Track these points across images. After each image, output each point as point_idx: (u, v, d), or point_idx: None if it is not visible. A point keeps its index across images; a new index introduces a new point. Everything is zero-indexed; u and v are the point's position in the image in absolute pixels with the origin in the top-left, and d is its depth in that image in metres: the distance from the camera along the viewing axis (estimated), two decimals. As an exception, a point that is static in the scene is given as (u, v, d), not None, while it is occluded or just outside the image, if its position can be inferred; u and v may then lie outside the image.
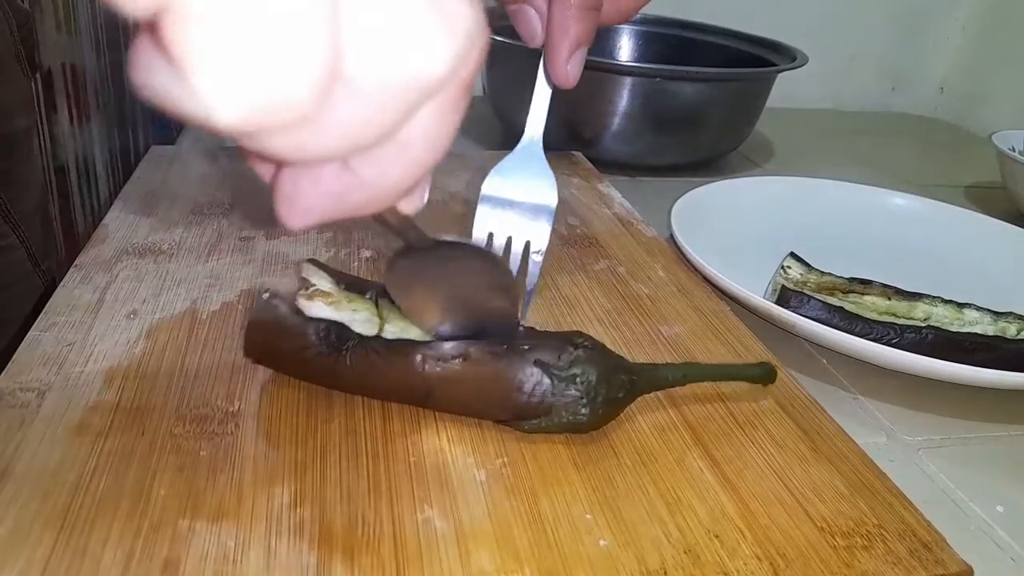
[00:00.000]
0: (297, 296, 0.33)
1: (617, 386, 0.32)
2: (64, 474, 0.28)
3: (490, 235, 0.32)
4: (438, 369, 0.31)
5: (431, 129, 0.19)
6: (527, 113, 0.36)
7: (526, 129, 0.34)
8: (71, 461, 0.28)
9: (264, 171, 0.21)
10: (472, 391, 0.31)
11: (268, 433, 0.31)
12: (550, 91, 0.34)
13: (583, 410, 0.31)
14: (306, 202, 0.20)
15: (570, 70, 0.33)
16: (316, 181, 0.19)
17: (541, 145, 0.34)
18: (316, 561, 0.25)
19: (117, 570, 0.24)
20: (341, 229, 0.48)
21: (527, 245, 0.35)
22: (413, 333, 0.32)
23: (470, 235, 0.33)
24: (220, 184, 0.53)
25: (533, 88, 0.34)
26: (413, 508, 0.28)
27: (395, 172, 0.19)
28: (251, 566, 0.25)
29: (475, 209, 0.33)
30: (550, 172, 0.33)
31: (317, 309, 0.33)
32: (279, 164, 0.20)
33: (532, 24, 0.33)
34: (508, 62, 0.65)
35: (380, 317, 0.33)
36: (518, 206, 0.33)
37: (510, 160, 0.33)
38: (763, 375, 0.36)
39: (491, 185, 0.33)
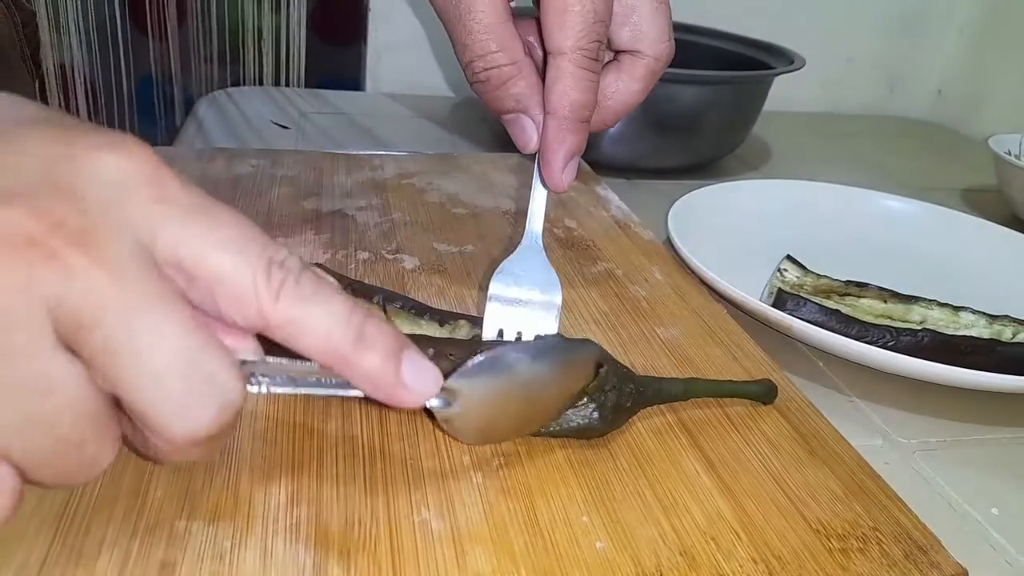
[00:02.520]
0: None
1: (627, 395, 0.32)
2: (60, 475, 0.28)
3: (500, 331, 0.35)
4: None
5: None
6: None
7: (527, 228, 0.36)
8: (67, 462, 0.28)
9: None
10: None
11: (265, 433, 0.31)
12: (546, 192, 0.36)
13: (594, 414, 0.31)
14: None
15: (565, 177, 0.35)
16: None
17: (541, 243, 0.36)
18: (312, 562, 0.25)
19: (114, 571, 0.24)
20: (339, 230, 0.48)
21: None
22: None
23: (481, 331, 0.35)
24: (217, 185, 0.53)
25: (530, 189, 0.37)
26: (409, 509, 0.28)
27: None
28: (247, 567, 0.25)
29: (483, 307, 0.35)
30: (552, 270, 0.36)
31: None
32: None
33: (528, 133, 0.35)
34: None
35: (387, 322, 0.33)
36: (526, 304, 0.35)
37: (515, 259, 0.36)
38: (764, 394, 0.36)
39: (498, 285, 0.35)
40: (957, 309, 0.47)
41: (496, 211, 0.55)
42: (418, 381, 0.25)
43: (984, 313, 0.47)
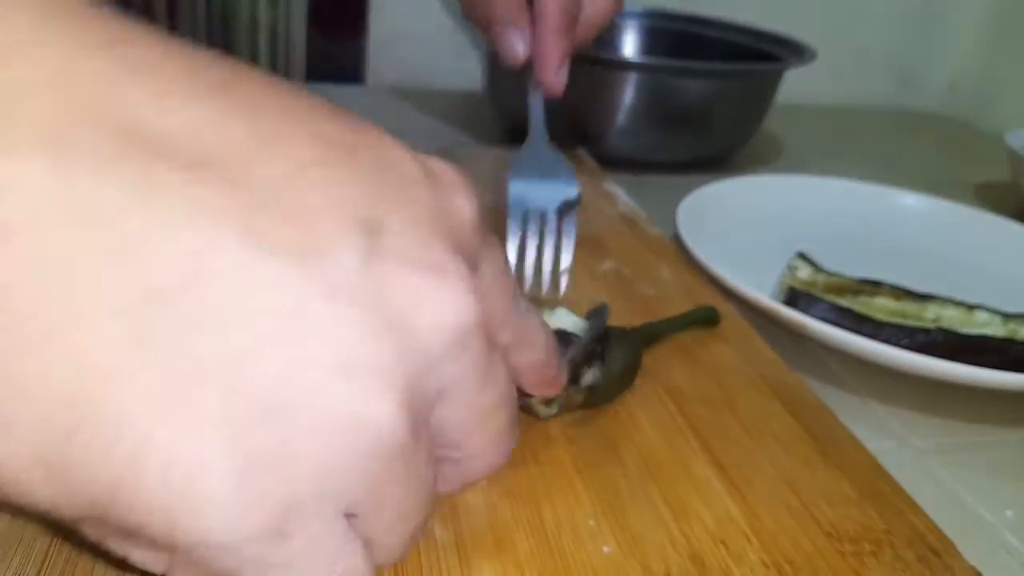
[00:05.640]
0: None
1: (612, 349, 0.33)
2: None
3: (525, 211, 0.37)
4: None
5: None
6: (527, 111, 0.41)
7: (531, 127, 0.39)
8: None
9: None
10: None
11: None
12: (542, 99, 0.40)
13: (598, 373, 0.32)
14: None
15: (560, 80, 0.39)
16: None
17: (547, 135, 0.40)
18: (314, 567, 0.25)
19: (113, 573, 0.24)
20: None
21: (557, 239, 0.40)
22: None
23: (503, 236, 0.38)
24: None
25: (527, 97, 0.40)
26: (413, 513, 0.27)
27: None
28: (248, 572, 0.24)
29: (506, 207, 0.38)
30: (562, 156, 0.38)
31: None
32: None
33: (516, 45, 0.39)
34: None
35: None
36: (545, 188, 0.37)
37: (525, 151, 0.38)
38: (708, 318, 0.40)
39: (516, 175, 0.38)
40: (971, 308, 0.46)
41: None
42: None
43: (999, 312, 0.46)
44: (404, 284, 0.17)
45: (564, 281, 0.41)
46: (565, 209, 0.38)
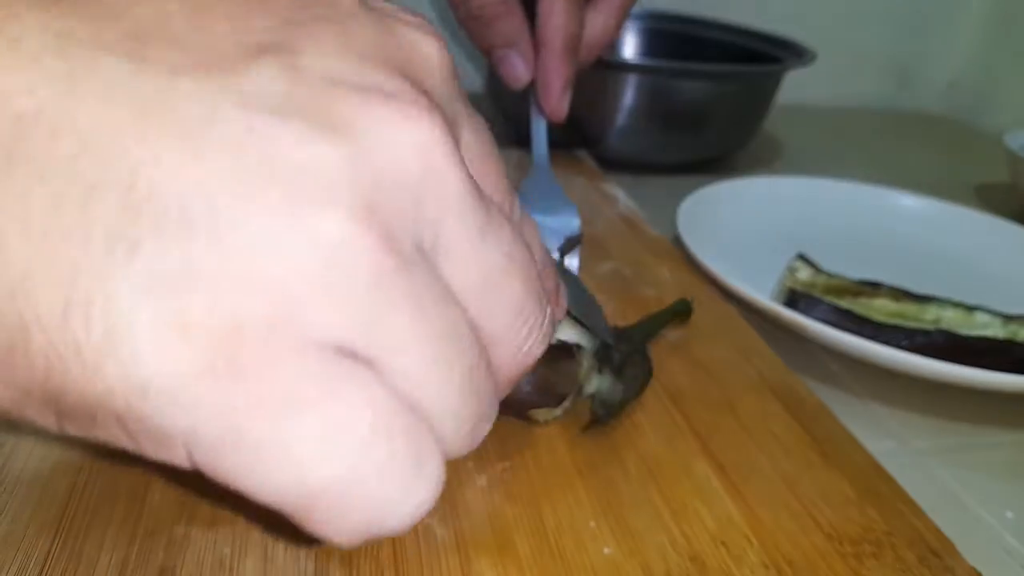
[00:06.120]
0: None
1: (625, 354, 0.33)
2: (59, 478, 0.27)
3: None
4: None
5: None
6: (529, 111, 0.41)
7: (534, 154, 0.40)
8: (65, 466, 0.28)
9: None
10: None
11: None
12: (545, 124, 0.40)
13: (609, 384, 0.32)
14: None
15: (563, 106, 0.39)
16: None
17: (549, 166, 0.40)
18: (314, 568, 0.25)
19: (113, 575, 0.24)
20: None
21: (566, 244, 0.40)
22: None
23: None
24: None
25: (530, 118, 0.40)
26: (413, 514, 0.27)
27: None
28: (248, 573, 0.24)
29: None
30: (564, 194, 0.39)
31: None
32: None
33: (518, 69, 0.39)
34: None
35: None
36: (546, 226, 0.38)
37: (527, 183, 0.39)
38: (683, 311, 0.40)
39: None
40: (972, 309, 0.46)
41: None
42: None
43: (999, 313, 0.46)
44: (344, 101, 0.15)
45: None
46: (567, 246, 0.38)
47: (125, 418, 0.15)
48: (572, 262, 0.40)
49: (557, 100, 0.38)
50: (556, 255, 0.39)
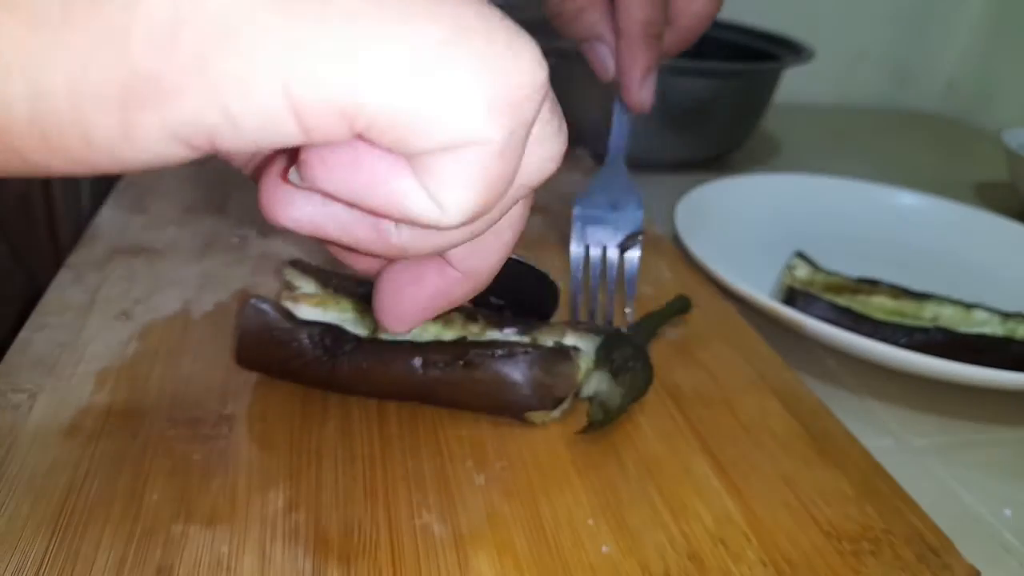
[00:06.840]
0: (281, 300, 0.32)
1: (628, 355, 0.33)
2: (56, 477, 0.27)
3: (586, 247, 0.38)
4: (437, 372, 0.31)
5: (519, 211, 0.20)
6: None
7: (609, 147, 0.40)
8: (63, 464, 0.28)
9: (365, 266, 0.22)
10: (474, 393, 0.31)
11: (262, 436, 0.30)
12: (626, 118, 0.40)
13: (606, 385, 0.32)
14: (412, 304, 0.21)
15: (644, 95, 0.38)
16: (419, 281, 0.20)
17: (624, 164, 0.40)
18: (312, 567, 0.25)
19: (111, 575, 0.24)
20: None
21: (626, 241, 0.40)
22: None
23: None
24: (213, 182, 0.53)
25: (611, 114, 0.40)
26: (410, 513, 0.27)
27: (494, 259, 0.20)
28: (245, 572, 0.24)
29: (570, 226, 0.38)
30: (634, 185, 0.39)
31: (304, 312, 0.32)
32: (389, 259, 0.20)
33: (605, 60, 0.38)
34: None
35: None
36: (610, 221, 0.38)
37: (599, 176, 0.39)
38: (684, 307, 0.40)
39: (583, 203, 0.38)
40: (970, 307, 0.46)
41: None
42: None
43: (997, 311, 0.46)
44: (502, 39, 0.16)
45: (629, 312, 0.41)
46: (628, 242, 0.38)
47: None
48: (633, 254, 0.40)
49: (637, 89, 0.37)
50: (616, 251, 0.39)
